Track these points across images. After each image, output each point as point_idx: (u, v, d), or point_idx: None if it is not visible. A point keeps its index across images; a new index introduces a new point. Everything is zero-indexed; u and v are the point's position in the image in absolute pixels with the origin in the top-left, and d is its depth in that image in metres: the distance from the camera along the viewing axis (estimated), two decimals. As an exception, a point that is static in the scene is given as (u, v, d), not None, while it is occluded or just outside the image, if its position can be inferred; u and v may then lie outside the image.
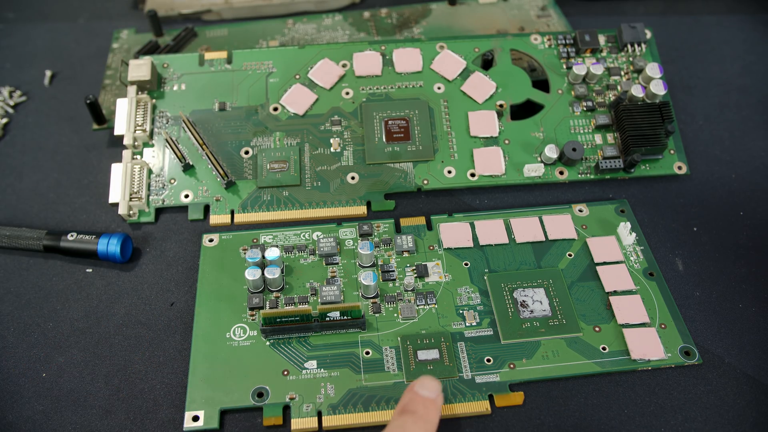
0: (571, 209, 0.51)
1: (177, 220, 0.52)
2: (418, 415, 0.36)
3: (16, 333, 0.47)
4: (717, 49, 0.63)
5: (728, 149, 0.57)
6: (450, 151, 0.53)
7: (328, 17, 0.64)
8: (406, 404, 0.38)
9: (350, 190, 0.52)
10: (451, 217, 0.51)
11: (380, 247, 0.49)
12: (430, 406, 0.37)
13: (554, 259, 0.49)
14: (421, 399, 0.38)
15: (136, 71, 0.54)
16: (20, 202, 0.53)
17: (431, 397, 0.38)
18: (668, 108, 0.52)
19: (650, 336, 0.45)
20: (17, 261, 0.50)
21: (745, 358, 0.45)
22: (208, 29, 0.63)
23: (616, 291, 0.47)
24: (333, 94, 0.55)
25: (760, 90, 0.60)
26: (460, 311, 0.46)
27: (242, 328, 0.45)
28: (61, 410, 0.43)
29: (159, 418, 0.43)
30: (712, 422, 0.43)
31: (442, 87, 0.55)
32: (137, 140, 0.53)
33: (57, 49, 0.64)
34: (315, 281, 0.47)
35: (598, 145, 0.54)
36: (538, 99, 0.55)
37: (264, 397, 0.43)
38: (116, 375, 0.45)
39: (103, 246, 0.48)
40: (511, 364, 0.44)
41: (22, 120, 0.58)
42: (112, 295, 0.48)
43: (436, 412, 0.37)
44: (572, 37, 0.58)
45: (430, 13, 0.64)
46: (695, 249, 0.51)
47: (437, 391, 0.38)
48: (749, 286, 0.49)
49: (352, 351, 0.44)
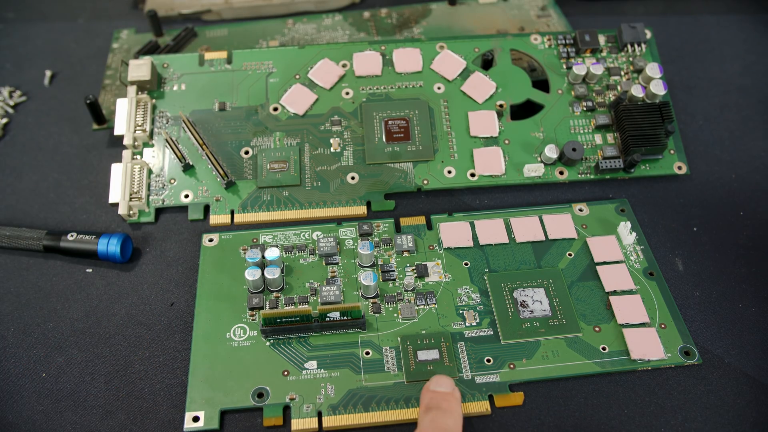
0: (571, 209, 0.51)
1: (177, 220, 0.52)
2: (442, 410, 0.39)
3: (16, 333, 0.47)
4: (717, 49, 0.63)
5: (728, 149, 0.57)
6: (450, 151, 0.53)
7: (328, 17, 0.64)
8: (428, 403, 0.40)
9: (350, 190, 0.52)
10: (451, 216, 0.51)
11: (380, 246, 0.49)
12: (450, 399, 0.40)
13: (554, 259, 0.49)
14: (440, 394, 0.40)
15: (136, 71, 0.54)
16: (20, 202, 0.53)
17: (448, 391, 0.40)
18: (668, 108, 0.52)
19: (650, 336, 0.45)
20: (17, 261, 0.50)
21: (745, 358, 0.45)
22: (208, 29, 0.63)
23: (616, 291, 0.47)
24: (333, 94, 0.55)
25: (760, 90, 0.60)
26: (460, 311, 0.46)
27: (242, 329, 0.45)
28: (61, 410, 0.43)
29: (159, 418, 0.43)
30: (712, 422, 0.43)
31: (442, 87, 0.55)
32: (137, 140, 0.53)
33: (57, 49, 0.64)
34: (315, 281, 0.47)
35: (598, 145, 0.54)
36: (538, 99, 0.55)
37: (264, 397, 0.43)
38: (116, 375, 0.45)
39: (103, 246, 0.48)
40: (511, 364, 0.44)
41: (22, 120, 0.58)
42: (112, 295, 0.48)
43: (457, 404, 0.39)
44: (572, 37, 0.58)
45: (430, 13, 0.64)
46: (695, 249, 0.51)
47: (451, 385, 0.40)
48: (749, 286, 0.49)
49: (352, 351, 0.44)
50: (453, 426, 0.38)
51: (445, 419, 0.38)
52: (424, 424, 0.38)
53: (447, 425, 0.38)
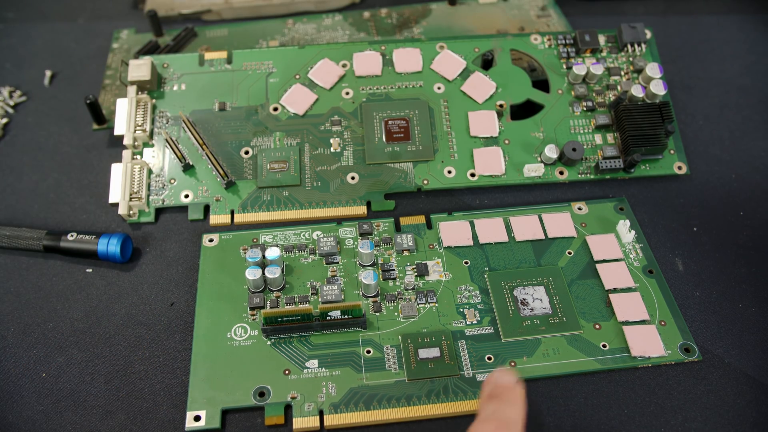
0: (571, 207, 0.52)
1: (177, 220, 0.52)
2: (505, 399, 0.38)
3: (16, 333, 0.47)
4: (717, 49, 0.63)
5: (728, 149, 0.57)
6: (450, 151, 0.53)
7: (328, 17, 0.64)
8: (490, 392, 0.39)
9: (350, 190, 0.52)
10: (451, 215, 0.51)
11: (380, 246, 0.49)
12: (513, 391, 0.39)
13: (554, 257, 0.49)
14: (503, 386, 0.39)
15: (136, 71, 0.54)
16: (20, 202, 0.53)
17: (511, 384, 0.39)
18: (668, 108, 0.52)
19: (650, 333, 0.45)
20: (17, 261, 0.50)
21: (745, 358, 0.45)
22: (208, 29, 0.63)
23: (616, 288, 0.47)
24: (333, 94, 0.55)
25: (760, 90, 0.60)
26: (461, 310, 0.46)
27: (243, 328, 0.45)
28: (61, 410, 0.43)
29: (159, 418, 0.43)
30: (712, 422, 0.43)
31: (442, 87, 0.55)
32: (137, 140, 0.53)
33: (57, 49, 0.64)
34: (315, 281, 0.47)
35: (598, 145, 0.54)
36: (538, 99, 0.55)
37: (265, 396, 0.43)
38: (116, 375, 0.45)
39: (103, 246, 0.48)
40: (511, 362, 0.44)
41: (22, 120, 0.58)
42: (112, 295, 0.48)
43: (520, 397, 0.39)
44: (572, 37, 0.58)
45: (430, 13, 0.64)
46: (695, 249, 0.51)
47: (515, 379, 0.40)
48: (749, 286, 0.49)
49: (353, 350, 0.44)
50: (515, 417, 0.38)
51: (507, 411, 0.38)
52: (486, 413, 0.38)
53: (509, 417, 0.37)
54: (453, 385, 0.43)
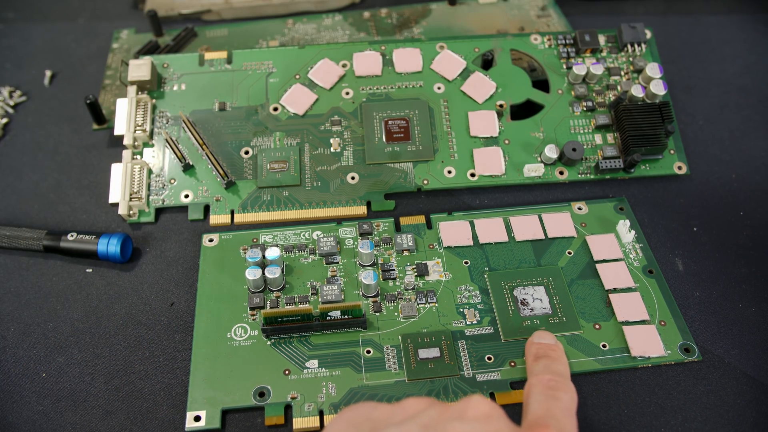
0: (571, 207, 0.52)
1: (177, 220, 0.52)
2: (552, 357, 0.41)
3: (16, 333, 0.47)
4: (717, 49, 0.63)
5: (728, 149, 0.57)
6: (450, 151, 0.53)
7: (328, 17, 0.64)
8: (536, 352, 0.42)
9: (350, 190, 0.52)
10: (451, 215, 0.51)
11: (380, 246, 0.49)
12: (556, 349, 0.42)
13: (554, 257, 0.49)
14: (546, 345, 0.42)
15: (136, 71, 0.54)
16: (20, 202, 0.53)
17: (553, 342, 0.43)
18: (668, 108, 0.52)
19: (650, 333, 0.45)
20: (17, 261, 0.50)
21: (745, 358, 0.45)
22: (208, 29, 0.63)
23: (616, 288, 0.47)
24: (333, 94, 0.55)
25: (760, 90, 0.60)
26: (461, 310, 0.46)
27: (243, 328, 0.45)
28: (61, 410, 0.43)
29: (159, 418, 0.43)
30: (712, 422, 0.43)
31: (442, 87, 0.55)
32: (137, 140, 0.53)
33: (57, 49, 0.64)
34: (315, 281, 0.47)
35: (598, 145, 0.54)
36: (538, 99, 0.55)
37: (265, 396, 0.43)
38: (116, 375, 0.45)
39: (103, 246, 0.48)
40: (512, 362, 0.44)
41: (22, 120, 0.58)
42: (112, 295, 0.48)
43: (563, 354, 0.42)
44: (572, 37, 0.58)
45: (430, 13, 0.64)
46: (695, 249, 0.51)
47: (554, 338, 0.43)
48: (749, 286, 0.49)
49: (353, 350, 0.44)
50: (564, 371, 0.41)
51: (555, 366, 0.41)
52: (538, 368, 0.40)
53: (559, 370, 0.40)
54: (453, 385, 0.43)
